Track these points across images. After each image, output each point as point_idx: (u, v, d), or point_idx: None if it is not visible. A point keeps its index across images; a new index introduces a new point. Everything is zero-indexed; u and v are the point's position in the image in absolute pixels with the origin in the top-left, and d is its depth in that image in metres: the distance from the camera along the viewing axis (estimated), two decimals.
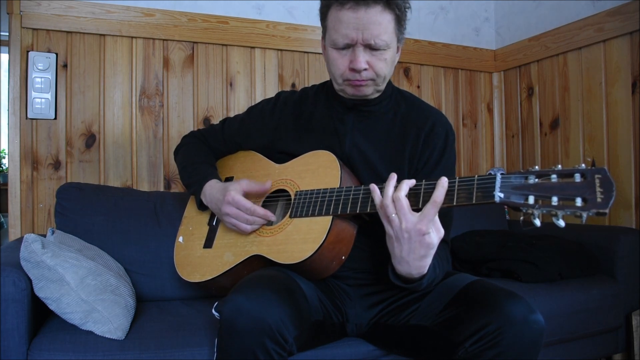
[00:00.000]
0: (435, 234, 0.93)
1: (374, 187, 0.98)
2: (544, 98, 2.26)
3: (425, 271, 0.99)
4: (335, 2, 1.07)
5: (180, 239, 1.35)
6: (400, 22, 1.10)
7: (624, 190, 1.89)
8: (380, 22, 1.05)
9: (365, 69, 1.09)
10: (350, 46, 1.08)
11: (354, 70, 1.09)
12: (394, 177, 0.97)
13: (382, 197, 0.95)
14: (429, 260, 0.97)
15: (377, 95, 1.19)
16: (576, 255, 1.68)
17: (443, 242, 1.11)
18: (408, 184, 0.94)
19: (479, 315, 0.95)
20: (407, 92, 1.29)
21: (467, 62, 2.46)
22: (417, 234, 0.91)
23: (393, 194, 0.94)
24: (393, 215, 0.93)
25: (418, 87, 2.36)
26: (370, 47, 1.07)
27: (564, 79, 2.16)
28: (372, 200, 1.01)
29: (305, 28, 2.10)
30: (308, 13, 2.13)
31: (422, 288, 1.04)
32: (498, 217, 2.15)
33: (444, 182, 0.90)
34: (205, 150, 1.40)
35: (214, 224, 1.29)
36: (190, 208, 1.40)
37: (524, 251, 1.65)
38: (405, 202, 0.92)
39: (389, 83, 1.23)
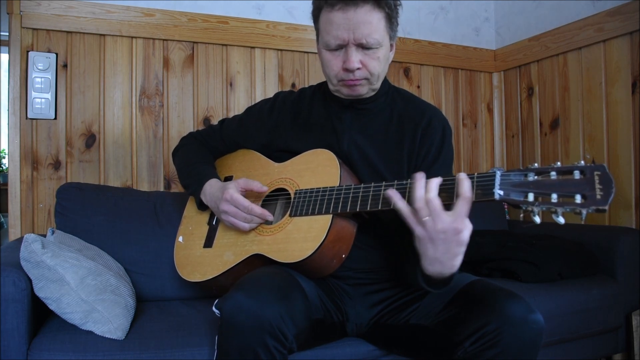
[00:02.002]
0: (467, 230, 0.88)
1: (394, 193, 0.92)
2: (544, 98, 2.26)
3: (457, 269, 0.94)
4: (325, 4, 1.08)
5: (180, 238, 1.35)
6: (391, 19, 1.10)
7: (624, 190, 1.89)
8: (370, 21, 1.06)
9: (358, 69, 1.09)
10: (342, 47, 1.09)
11: (347, 70, 1.09)
12: (422, 177, 0.90)
13: (414, 200, 0.89)
14: (461, 258, 0.92)
15: (372, 94, 1.19)
16: (576, 255, 1.68)
17: None
18: (437, 182, 0.89)
19: (478, 315, 0.95)
20: (402, 90, 1.29)
21: (467, 62, 2.46)
22: (454, 233, 0.87)
23: (425, 195, 0.88)
24: (427, 218, 0.88)
25: (418, 87, 2.36)
26: (362, 46, 1.08)
27: (564, 79, 2.16)
28: (372, 198, 1.00)
29: (305, 28, 2.11)
30: (308, 13, 2.08)
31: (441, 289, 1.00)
32: (498, 217, 2.15)
33: (463, 176, 0.86)
34: (204, 151, 1.40)
35: (213, 223, 1.29)
36: (190, 208, 1.40)
37: (524, 251, 1.65)
38: (438, 203, 0.87)
39: (385, 80, 1.23)
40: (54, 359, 1.06)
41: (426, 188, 0.88)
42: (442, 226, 0.86)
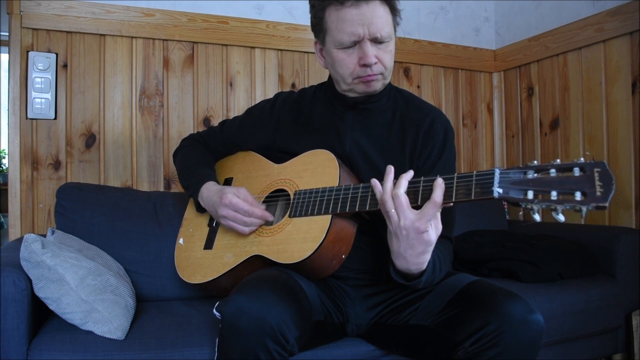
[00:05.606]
0: (434, 231, 0.93)
1: (375, 182, 0.97)
2: (544, 98, 2.26)
3: (424, 267, 0.99)
4: (333, 3, 1.08)
5: (181, 240, 1.35)
6: (394, 12, 1.13)
7: (624, 190, 1.89)
8: (381, 14, 1.08)
9: (375, 63, 1.10)
10: (356, 43, 1.10)
11: (365, 65, 1.10)
12: (391, 170, 0.96)
13: (382, 192, 0.95)
14: (427, 257, 0.97)
15: (382, 89, 1.19)
16: (576, 255, 1.68)
17: (447, 239, 1.12)
18: (407, 178, 0.94)
19: (478, 315, 0.95)
20: (404, 90, 1.29)
21: (467, 62, 2.46)
22: (416, 232, 0.91)
23: (392, 190, 0.93)
24: (392, 211, 0.93)
25: (418, 87, 2.36)
26: (376, 41, 1.09)
27: (564, 79, 2.16)
28: (372, 198, 1.00)
29: (305, 28, 2.10)
30: (308, 13, 2.12)
31: (419, 287, 1.04)
32: (498, 217, 2.15)
33: (440, 183, 0.90)
34: (204, 152, 1.40)
35: (214, 225, 1.29)
36: (191, 209, 1.40)
37: (524, 251, 1.64)
38: (404, 199, 0.92)
39: None
40: (53, 359, 1.05)
41: (395, 182, 0.94)
42: (405, 223, 0.91)
